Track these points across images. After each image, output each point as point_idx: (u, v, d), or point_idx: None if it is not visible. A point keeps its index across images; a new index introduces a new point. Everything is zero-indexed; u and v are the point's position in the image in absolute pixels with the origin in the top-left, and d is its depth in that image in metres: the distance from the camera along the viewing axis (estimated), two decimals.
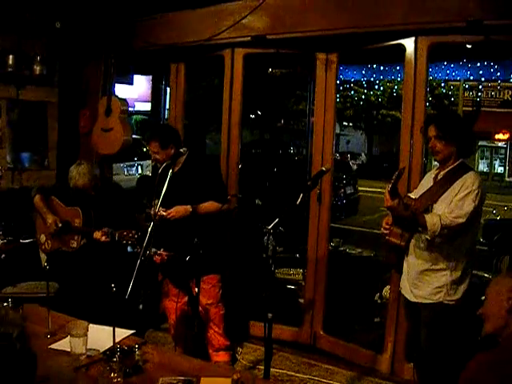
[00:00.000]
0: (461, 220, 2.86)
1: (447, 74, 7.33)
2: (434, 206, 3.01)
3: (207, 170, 3.86)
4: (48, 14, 4.90)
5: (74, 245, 4.01)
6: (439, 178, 3.10)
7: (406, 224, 3.05)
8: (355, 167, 21.47)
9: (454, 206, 2.90)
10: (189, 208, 3.62)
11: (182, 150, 3.58)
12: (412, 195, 3.24)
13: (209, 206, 3.70)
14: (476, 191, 2.89)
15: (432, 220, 2.87)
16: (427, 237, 2.92)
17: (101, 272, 3.84)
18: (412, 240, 3.11)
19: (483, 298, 2.14)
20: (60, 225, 3.97)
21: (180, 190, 3.63)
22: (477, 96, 22.81)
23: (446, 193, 2.98)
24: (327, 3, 4.03)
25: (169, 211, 3.58)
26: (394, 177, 2.92)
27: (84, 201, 4.05)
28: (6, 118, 5.05)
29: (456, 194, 2.92)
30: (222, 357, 3.92)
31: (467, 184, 2.92)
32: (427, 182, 3.22)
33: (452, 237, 2.92)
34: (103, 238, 3.85)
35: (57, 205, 4.12)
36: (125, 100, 5.07)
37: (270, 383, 3.02)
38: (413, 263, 3.12)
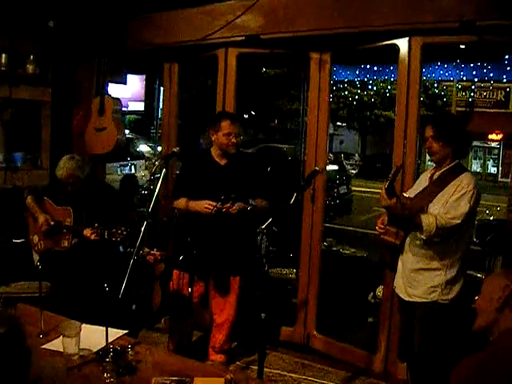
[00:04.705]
0: (456, 221, 2.88)
1: (440, 75, 7.37)
2: (430, 205, 3.01)
3: (256, 167, 3.87)
4: (41, 14, 4.87)
5: (66, 244, 3.99)
6: (435, 178, 3.11)
7: (402, 223, 3.06)
8: (349, 167, 21.45)
9: (449, 206, 2.92)
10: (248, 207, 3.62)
11: (175, 150, 3.56)
12: (406, 194, 3.24)
13: (261, 203, 3.72)
14: (471, 192, 2.91)
15: (428, 220, 2.88)
16: (422, 237, 2.93)
17: (94, 272, 3.83)
18: (407, 238, 3.12)
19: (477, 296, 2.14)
20: (52, 223, 3.95)
21: (229, 184, 3.63)
22: (470, 96, 22.90)
23: (442, 193, 2.99)
24: (321, 3, 4.04)
25: (228, 205, 3.54)
26: (390, 175, 2.92)
27: (75, 200, 4.04)
28: None
29: (451, 195, 2.94)
30: (219, 357, 3.93)
31: (463, 185, 2.93)
32: (423, 181, 3.23)
33: (447, 237, 2.94)
34: (93, 236, 3.83)
35: (49, 206, 4.10)
36: (118, 99, 5.05)
37: (264, 383, 3.02)
38: (407, 261, 3.13)
